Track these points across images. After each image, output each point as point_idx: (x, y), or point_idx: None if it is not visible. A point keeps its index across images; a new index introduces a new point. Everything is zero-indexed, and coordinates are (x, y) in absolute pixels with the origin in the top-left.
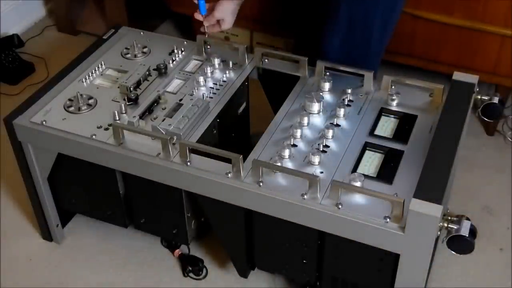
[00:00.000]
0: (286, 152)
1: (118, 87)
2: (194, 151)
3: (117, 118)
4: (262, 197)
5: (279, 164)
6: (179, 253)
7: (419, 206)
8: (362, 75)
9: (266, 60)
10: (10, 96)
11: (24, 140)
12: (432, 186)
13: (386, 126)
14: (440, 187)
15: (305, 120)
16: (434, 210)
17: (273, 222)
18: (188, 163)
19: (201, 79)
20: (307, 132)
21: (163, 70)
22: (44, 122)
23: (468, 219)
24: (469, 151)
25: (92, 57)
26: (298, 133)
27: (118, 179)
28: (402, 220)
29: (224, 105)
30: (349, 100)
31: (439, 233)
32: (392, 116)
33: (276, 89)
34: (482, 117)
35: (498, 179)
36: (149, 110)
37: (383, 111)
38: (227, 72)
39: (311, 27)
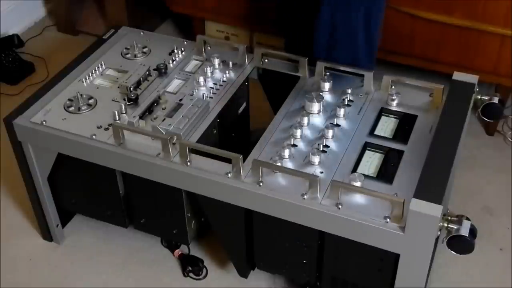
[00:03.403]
0: (286, 152)
1: (118, 87)
2: (194, 151)
3: (117, 118)
4: (262, 197)
5: (279, 164)
6: (179, 253)
7: (419, 206)
8: (362, 75)
9: (266, 60)
10: (10, 96)
11: (24, 140)
12: (432, 186)
13: (386, 126)
14: (440, 187)
15: (305, 120)
16: (434, 210)
17: (273, 222)
18: (188, 163)
19: (201, 79)
20: (307, 132)
21: (163, 70)
22: (44, 122)
23: (468, 219)
24: (469, 151)
25: (92, 57)
26: (298, 133)
27: (118, 179)
28: (402, 220)
29: (224, 105)
30: (349, 100)
31: (439, 233)
32: (392, 116)
33: (276, 89)
34: (482, 117)
35: (498, 179)
36: (149, 110)
37: (383, 111)
38: (227, 72)
39: (301, 27)
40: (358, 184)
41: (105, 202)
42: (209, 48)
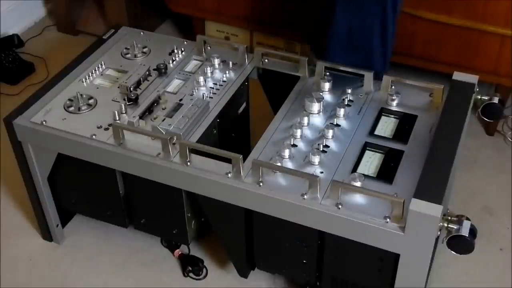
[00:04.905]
0: (286, 152)
1: (118, 87)
2: (194, 151)
3: (117, 118)
4: (262, 197)
5: (279, 164)
6: (179, 253)
7: (419, 206)
8: (362, 75)
9: (266, 60)
10: (10, 96)
11: (24, 140)
12: (432, 186)
13: (386, 126)
14: (440, 187)
15: (305, 120)
16: (434, 210)
17: (273, 222)
18: (188, 163)
19: (201, 79)
20: (307, 132)
21: (163, 70)
22: (44, 122)
23: (468, 219)
24: (469, 151)
25: (92, 57)
26: (298, 133)
27: (118, 179)
28: (402, 220)
29: (224, 105)
30: (349, 100)
31: (439, 233)
32: (392, 116)
33: (276, 89)
34: (482, 117)
35: (498, 179)
36: (149, 110)
37: (383, 111)
38: (227, 72)
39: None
40: (358, 184)
41: (105, 202)
42: (209, 48)
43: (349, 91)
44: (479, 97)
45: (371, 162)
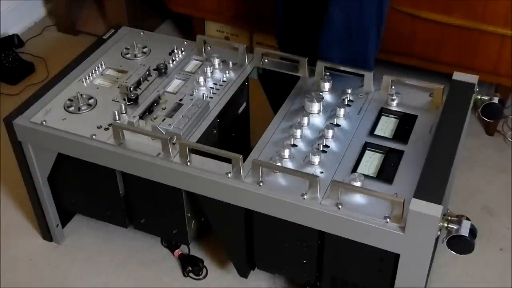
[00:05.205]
0: (286, 152)
1: (118, 87)
2: (194, 151)
3: (117, 118)
4: (262, 197)
5: (279, 164)
6: (179, 253)
7: (419, 206)
8: (362, 75)
9: (266, 60)
10: (10, 96)
11: (24, 140)
12: (432, 186)
13: (386, 126)
14: (440, 187)
15: (305, 120)
16: (434, 210)
17: (273, 222)
18: (188, 163)
19: (201, 79)
20: (307, 132)
21: (163, 70)
22: (44, 122)
23: (468, 219)
24: (469, 151)
25: (92, 57)
26: (298, 133)
27: (118, 179)
28: (402, 220)
29: (224, 105)
30: (349, 100)
31: (439, 233)
32: (392, 116)
33: (276, 89)
34: (482, 117)
35: (498, 179)
36: (149, 110)
37: (383, 111)
38: (227, 72)
39: (302, 28)
40: (358, 184)
41: (105, 202)
42: (209, 48)
43: (349, 91)
44: (479, 97)
45: (371, 162)
